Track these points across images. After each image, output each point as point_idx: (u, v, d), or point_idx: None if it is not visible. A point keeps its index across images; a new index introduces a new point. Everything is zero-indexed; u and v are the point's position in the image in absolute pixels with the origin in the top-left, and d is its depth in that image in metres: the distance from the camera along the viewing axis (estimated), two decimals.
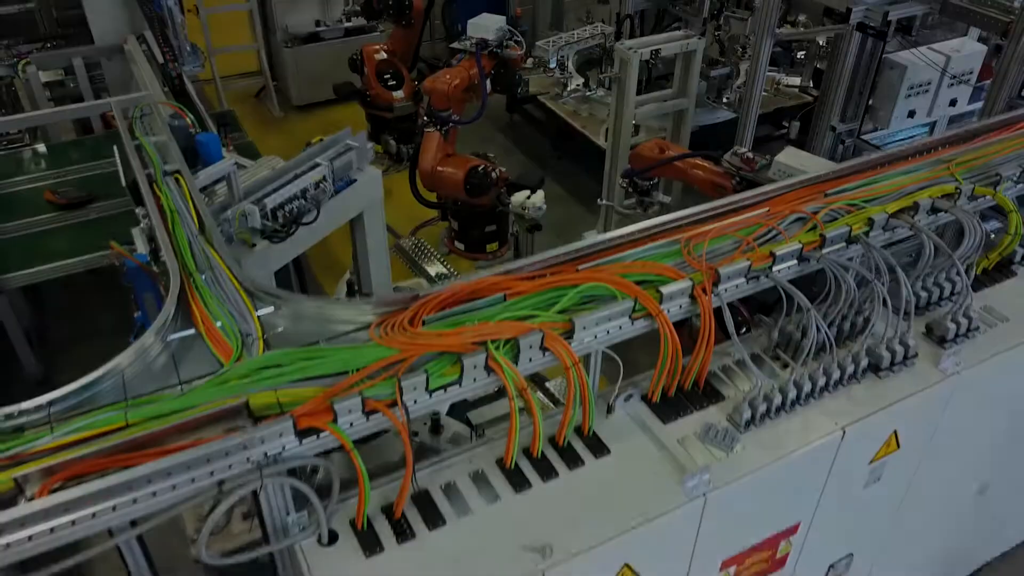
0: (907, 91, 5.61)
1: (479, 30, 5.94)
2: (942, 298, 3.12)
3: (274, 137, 8.56)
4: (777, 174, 4.23)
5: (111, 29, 6.47)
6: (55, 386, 5.56)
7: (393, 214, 7.48)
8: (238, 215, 3.40)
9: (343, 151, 3.89)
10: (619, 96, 5.44)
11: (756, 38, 5.13)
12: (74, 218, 5.50)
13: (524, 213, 5.20)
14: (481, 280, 2.61)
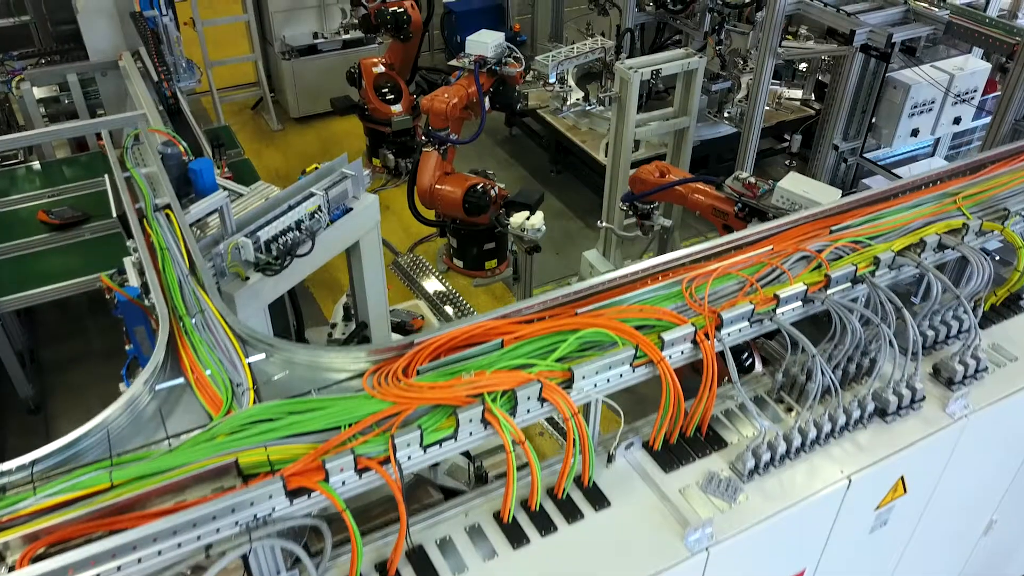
0: (910, 110, 5.55)
1: (477, 47, 5.88)
2: (949, 336, 3.05)
3: (271, 151, 8.50)
4: (780, 200, 4.17)
5: (106, 45, 6.42)
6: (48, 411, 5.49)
7: (391, 229, 7.45)
8: (231, 248, 3.33)
9: (339, 179, 3.82)
10: (619, 116, 5.37)
11: (758, 57, 5.06)
12: (68, 238, 5.45)
13: (523, 235, 5.13)
14: (478, 325, 2.54)
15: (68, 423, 5.59)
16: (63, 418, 5.45)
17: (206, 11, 8.34)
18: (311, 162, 8.39)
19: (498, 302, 6.51)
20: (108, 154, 3.58)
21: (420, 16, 7.25)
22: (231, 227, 3.41)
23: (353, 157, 8.51)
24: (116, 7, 6.30)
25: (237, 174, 6.22)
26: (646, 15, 7.82)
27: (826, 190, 4.14)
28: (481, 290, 6.63)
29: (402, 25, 7.08)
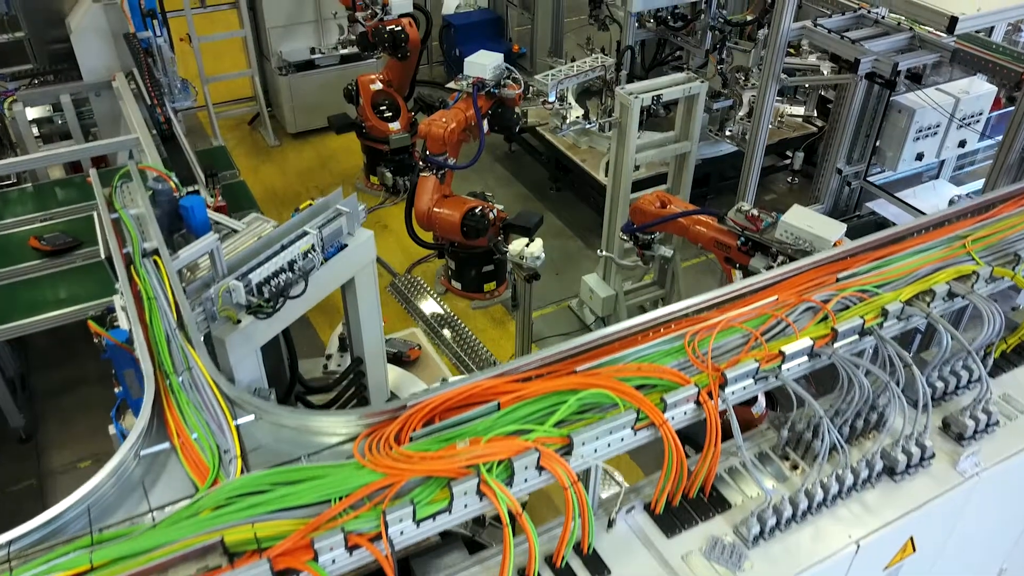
0: (915, 134, 5.47)
1: (476, 69, 5.81)
2: (959, 387, 2.97)
3: (268, 167, 8.42)
4: (784, 235, 4.09)
5: (100, 66, 6.36)
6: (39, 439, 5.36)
7: (389, 249, 7.37)
8: (221, 292, 3.25)
9: (333, 216, 3.74)
10: (619, 142, 5.29)
11: (761, 83, 4.98)
12: (60, 265, 5.36)
13: (522, 263, 5.05)
14: (474, 385, 2.46)
15: (59, 453, 5.51)
16: (54, 448, 5.37)
17: (202, 26, 8.27)
18: (308, 179, 8.36)
19: (496, 325, 6.43)
20: (96, 195, 3.48)
21: (418, 34, 7.17)
22: (222, 270, 3.33)
23: (351, 174, 8.51)
24: (110, 27, 6.24)
25: (232, 197, 6.14)
26: (646, 32, 7.73)
27: (830, 224, 4.05)
28: (479, 313, 6.55)
29: (400, 44, 7.00)
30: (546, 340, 6.26)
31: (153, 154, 5.29)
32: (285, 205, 7.85)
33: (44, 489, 5.10)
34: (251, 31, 8.44)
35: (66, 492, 4.85)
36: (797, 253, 4.03)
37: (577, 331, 6.35)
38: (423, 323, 6.39)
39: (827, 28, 4.71)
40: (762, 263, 4.12)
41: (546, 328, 6.36)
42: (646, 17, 7.59)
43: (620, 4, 7.37)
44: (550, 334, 6.31)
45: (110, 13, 6.19)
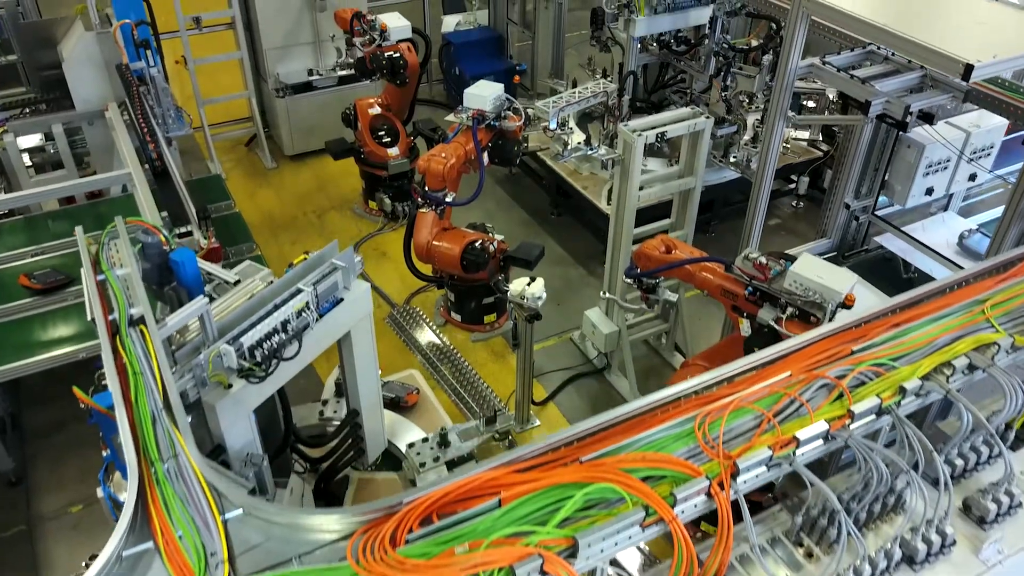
0: (925, 169, 5.36)
1: (476, 101, 5.68)
2: (979, 463, 2.85)
3: (265, 191, 8.30)
4: (793, 285, 3.97)
5: (93, 95, 6.24)
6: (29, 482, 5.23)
7: (388, 278, 7.24)
8: (212, 357, 3.14)
9: (329, 271, 3.62)
10: (622, 179, 5.17)
11: (767, 122, 4.86)
12: (51, 303, 5.24)
13: (523, 303, 4.93)
14: (474, 478, 2.34)
15: (49, 497, 5.39)
16: (44, 491, 5.24)
17: (199, 47, 8.15)
18: (306, 203, 8.23)
19: (497, 359, 6.31)
20: (82, 254, 3.37)
21: (417, 59, 7.05)
22: (212, 334, 3.21)
23: (349, 198, 8.37)
24: (103, 56, 6.12)
25: (227, 230, 6.04)
26: (649, 56, 7.61)
27: (840, 274, 3.93)
28: (480, 345, 6.42)
29: (398, 70, 6.88)
30: (548, 375, 6.14)
31: (145, 190, 5.18)
32: (282, 230, 7.73)
33: (34, 535, 4.98)
34: (248, 53, 8.32)
35: (57, 538, 4.74)
36: (807, 305, 3.91)
37: (579, 366, 6.23)
38: (421, 356, 6.27)
39: (836, 66, 4.59)
40: (771, 315, 4.00)
41: (548, 362, 6.24)
42: (649, 41, 7.47)
43: (623, 28, 7.25)
44: (551, 368, 6.19)
45: (103, 42, 6.07)
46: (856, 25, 4.20)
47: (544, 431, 5.68)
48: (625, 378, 5.93)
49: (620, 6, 6.98)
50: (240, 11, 8.08)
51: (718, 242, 7.57)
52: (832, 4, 4.27)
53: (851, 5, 4.30)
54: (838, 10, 4.24)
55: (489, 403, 5.81)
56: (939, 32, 4.10)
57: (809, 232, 7.87)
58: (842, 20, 4.27)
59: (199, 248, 4.73)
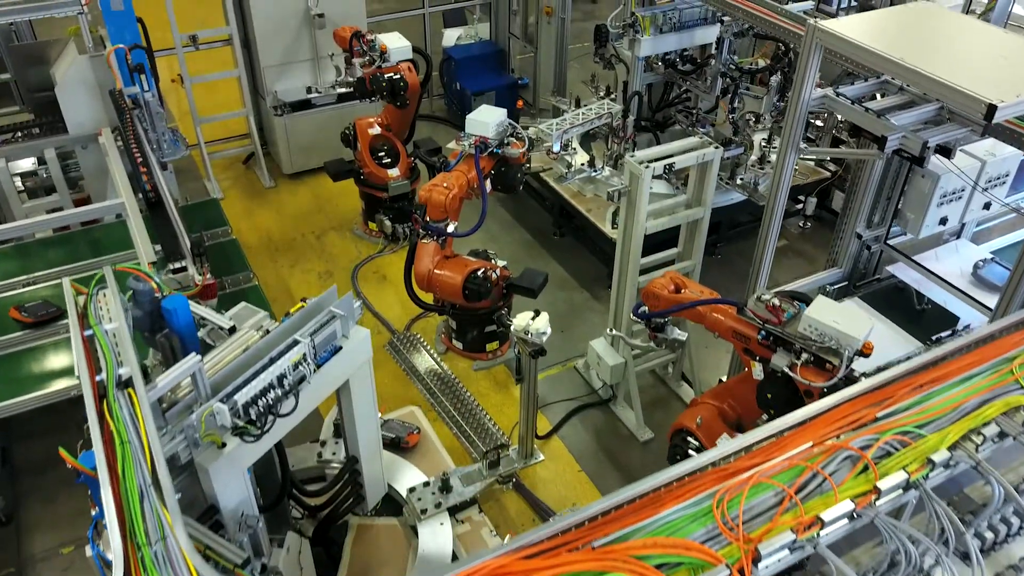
0: (939, 199, 5.21)
1: (478, 128, 5.53)
2: (1010, 535, 2.72)
3: (263, 211, 8.16)
4: (807, 329, 3.83)
5: (86, 119, 6.12)
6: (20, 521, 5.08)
7: (388, 303, 7.10)
8: (204, 416, 3.00)
9: (327, 320, 3.48)
10: (629, 211, 5.04)
11: (779, 156, 4.72)
12: (42, 337, 5.11)
13: (527, 339, 4.80)
14: (483, 566, 2.20)
15: (41, 537, 5.24)
16: (36, 530, 5.10)
17: (196, 63, 8.01)
18: (304, 224, 8.09)
19: (500, 389, 6.17)
20: (68, 308, 3.23)
21: (418, 79, 6.90)
22: (205, 392, 3.08)
23: (349, 218, 8.23)
24: (96, 80, 5.99)
25: (223, 257, 5.91)
26: (654, 75, 7.47)
27: (857, 319, 3.79)
28: (482, 374, 6.29)
29: (399, 93, 6.74)
30: (551, 406, 6.00)
31: (138, 221, 5.06)
32: (280, 252, 7.58)
33: None
34: (246, 70, 8.18)
35: None
36: (822, 351, 3.77)
37: (584, 396, 6.09)
38: (422, 386, 6.13)
39: (849, 97, 4.45)
40: (784, 360, 3.86)
41: (551, 392, 6.10)
42: (654, 60, 7.33)
43: (627, 47, 7.11)
44: (555, 399, 6.05)
45: (96, 65, 5.94)
46: (872, 58, 4.06)
47: (548, 465, 5.55)
48: (631, 409, 5.80)
49: (625, 26, 6.84)
50: (238, 28, 7.94)
51: (725, 265, 7.43)
52: (846, 37, 4.13)
53: (866, 36, 4.17)
54: (853, 43, 4.10)
55: (492, 436, 5.67)
56: (958, 66, 3.96)
57: (816, 253, 7.75)
58: (857, 53, 4.14)
59: (194, 284, 4.58)
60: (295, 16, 7.89)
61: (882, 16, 4.74)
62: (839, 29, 4.21)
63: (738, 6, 5.60)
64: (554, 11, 8.78)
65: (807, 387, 3.79)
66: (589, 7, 13.30)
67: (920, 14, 4.60)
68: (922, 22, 4.52)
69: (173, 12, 7.50)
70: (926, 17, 4.57)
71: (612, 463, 5.56)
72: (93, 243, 5.84)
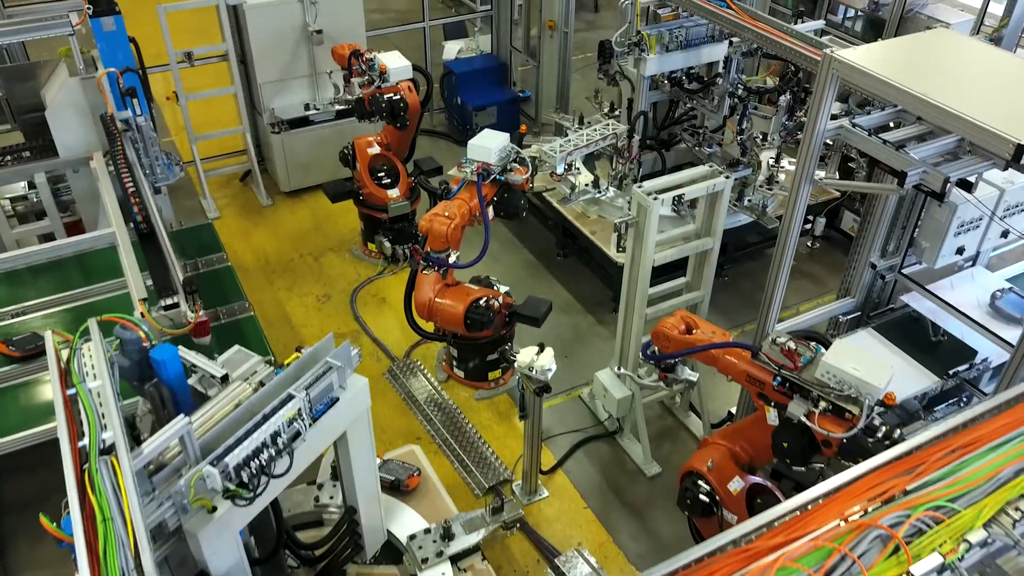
0: (957, 229, 5.06)
1: (481, 153, 5.38)
2: None
3: (260, 231, 7.99)
4: (825, 376, 3.67)
5: (77, 143, 5.95)
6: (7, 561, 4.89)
7: (387, 327, 6.92)
8: (194, 481, 2.84)
9: (323, 372, 3.32)
10: (636, 244, 4.88)
11: (793, 187, 4.57)
12: (30, 372, 4.94)
13: (531, 375, 4.64)
14: None
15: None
16: (23, 571, 4.93)
17: (191, 78, 7.85)
18: (302, 244, 7.93)
19: (502, 420, 6.01)
20: (50, 364, 3.07)
21: (418, 99, 6.75)
22: (194, 454, 2.92)
23: (348, 238, 8.07)
24: (88, 103, 5.82)
25: (217, 284, 5.74)
26: (660, 93, 7.31)
27: (877, 367, 3.64)
28: (483, 404, 6.12)
29: (398, 114, 6.58)
30: (555, 438, 5.84)
31: (129, 254, 4.90)
32: (277, 274, 7.42)
33: None
34: (242, 87, 8.02)
35: None
36: (841, 400, 3.61)
37: (589, 428, 5.93)
38: (422, 416, 5.97)
39: (865, 128, 4.30)
40: (801, 409, 3.71)
41: (556, 423, 5.93)
42: (660, 78, 7.16)
43: (632, 65, 6.95)
44: (560, 431, 5.89)
45: (88, 88, 5.77)
46: (892, 92, 3.91)
47: (553, 502, 5.38)
48: (638, 443, 5.64)
49: (630, 44, 6.68)
50: (234, 44, 7.78)
51: (732, 287, 7.28)
52: (865, 68, 3.97)
53: (884, 67, 4.01)
54: (872, 75, 3.95)
55: (494, 471, 5.51)
56: (981, 99, 3.82)
57: (825, 275, 7.59)
58: (876, 86, 3.98)
59: (186, 321, 4.42)
60: (293, 32, 7.73)
61: (900, 45, 4.58)
62: (857, 60, 4.05)
63: (756, 31, 5.45)
64: (557, 25, 8.63)
65: (825, 437, 3.64)
66: (592, 16, 13.16)
67: (938, 42, 4.45)
68: (941, 51, 4.36)
69: (168, 30, 7.34)
70: (945, 45, 4.42)
71: (619, 499, 5.40)
72: (85, 270, 5.67)
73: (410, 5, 12.44)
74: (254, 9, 7.53)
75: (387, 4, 12.98)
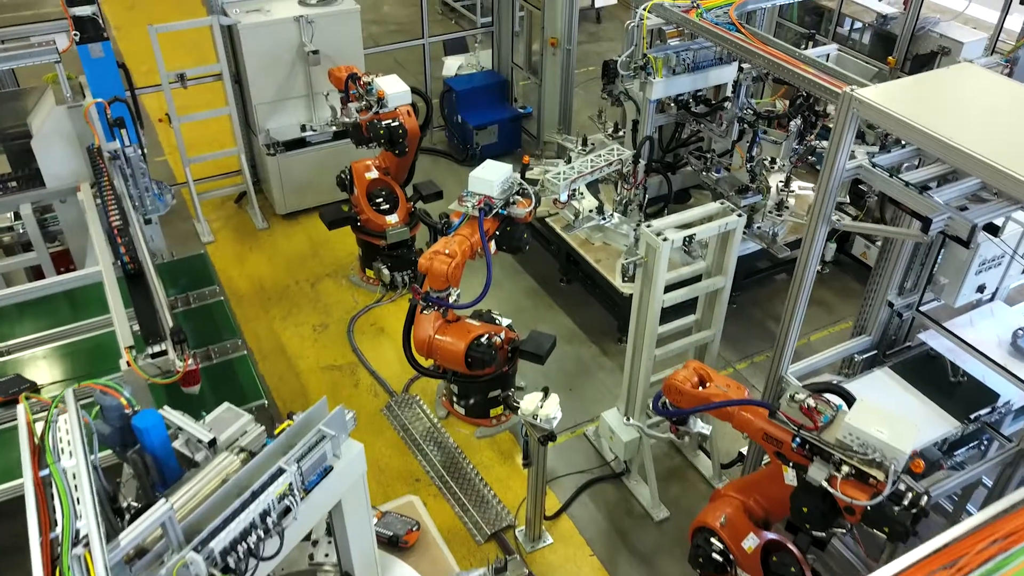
0: (978, 267, 4.87)
1: (483, 186, 5.18)
2: None
3: (256, 255, 7.79)
4: (847, 437, 3.47)
5: (65, 172, 5.75)
6: None
7: (385, 359, 6.68)
8: (176, 569, 2.64)
9: (316, 441, 3.12)
10: (644, 285, 4.68)
11: (809, 226, 4.37)
12: (12, 418, 4.73)
13: (536, 423, 4.44)
14: None
15: None
16: None
17: (184, 98, 7.65)
18: (298, 270, 7.71)
19: (504, 460, 5.81)
20: (21, 438, 2.87)
21: (417, 124, 6.54)
22: (177, 540, 2.72)
23: (345, 263, 7.85)
24: (75, 131, 5.62)
25: (210, 321, 5.55)
26: (666, 117, 7.11)
27: (903, 427, 3.44)
28: (485, 443, 5.92)
29: (397, 140, 6.38)
30: (560, 480, 5.64)
31: (116, 297, 4.69)
32: (273, 302, 7.22)
33: None
34: (237, 107, 7.82)
35: None
36: (865, 464, 3.41)
37: (595, 468, 5.73)
38: (421, 457, 5.76)
39: (885, 168, 4.10)
40: (823, 473, 3.51)
41: (560, 464, 5.73)
42: (666, 101, 6.96)
43: (639, 89, 6.74)
44: (565, 472, 5.69)
45: (75, 116, 5.57)
46: (916, 136, 3.70)
47: (558, 549, 5.18)
48: (646, 485, 5.44)
49: (636, 68, 6.47)
50: (229, 64, 7.58)
51: (740, 315, 7.07)
52: (887, 110, 3.77)
53: (907, 107, 3.81)
54: (895, 117, 3.75)
55: (496, 516, 5.31)
56: (1011, 143, 3.62)
57: (836, 301, 7.40)
58: (899, 128, 3.77)
59: (175, 370, 4.22)
60: (288, 52, 7.54)
61: (923, 82, 4.37)
62: (879, 100, 3.85)
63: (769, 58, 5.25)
64: (559, 42, 8.43)
65: (848, 504, 3.44)
66: (594, 28, 12.96)
67: (963, 79, 4.24)
68: (966, 88, 4.16)
69: (160, 52, 7.14)
70: (969, 82, 4.21)
71: (626, 546, 5.19)
72: (74, 304, 5.47)
73: (410, 16, 12.26)
74: (249, 29, 7.33)
75: (386, 16, 12.81)
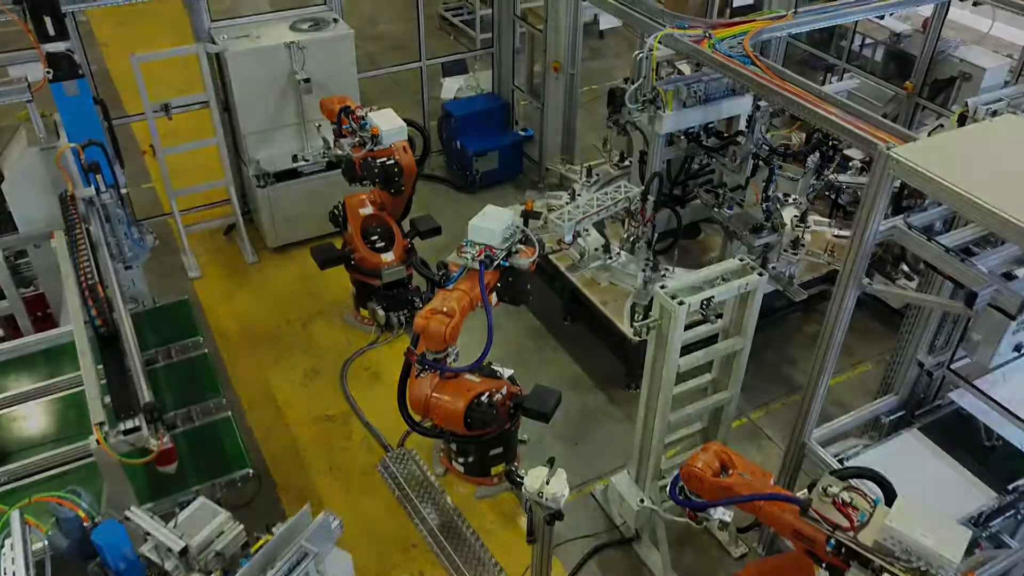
0: (1016, 326, 4.53)
1: (484, 236, 4.84)
2: None
3: (244, 293, 7.45)
4: (887, 540, 3.13)
5: (38, 217, 5.41)
6: None
7: (379, 409, 6.28)
8: None
9: (298, 560, 2.78)
10: (658, 350, 4.35)
11: (837, 291, 4.04)
12: None
13: (542, 502, 4.10)
14: None
15: None
16: None
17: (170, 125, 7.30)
18: (290, 308, 7.34)
19: (506, 523, 5.47)
20: None
21: (413, 160, 6.19)
22: None
23: (339, 301, 7.48)
24: (49, 175, 5.28)
25: (193, 378, 5.20)
26: (675, 150, 6.76)
27: (951, 534, 3.10)
28: (485, 504, 5.58)
29: (392, 179, 6.03)
30: (565, 545, 5.30)
31: (88, 364, 4.34)
32: (262, 344, 6.88)
33: None
34: (226, 137, 7.48)
35: None
36: (909, 572, 3.07)
37: (603, 532, 5.39)
38: (417, 519, 5.42)
39: (920, 229, 3.77)
40: None
41: (566, 527, 5.37)
42: (677, 135, 6.61)
43: (647, 122, 6.40)
44: (571, 536, 5.35)
45: (49, 158, 5.24)
46: (962, 204, 3.34)
47: None
48: (657, 552, 5.10)
49: (645, 101, 6.13)
50: (217, 93, 7.24)
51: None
52: (928, 173, 3.43)
53: (947, 167, 3.47)
54: (937, 181, 3.40)
55: None
56: None
57: (854, 343, 7.05)
58: (942, 193, 3.42)
59: (152, 449, 3.86)
60: (279, 80, 7.20)
61: (966, 137, 4.00)
62: (918, 160, 3.51)
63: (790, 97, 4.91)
64: (562, 67, 8.10)
65: None
66: (596, 43, 12.60)
67: (1008, 133, 3.90)
68: (1012, 144, 3.82)
69: (144, 83, 6.81)
70: (1016, 136, 3.87)
71: None
72: (48, 358, 5.12)
73: (407, 32, 11.88)
74: (237, 56, 7.00)
75: (383, 33, 12.45)
